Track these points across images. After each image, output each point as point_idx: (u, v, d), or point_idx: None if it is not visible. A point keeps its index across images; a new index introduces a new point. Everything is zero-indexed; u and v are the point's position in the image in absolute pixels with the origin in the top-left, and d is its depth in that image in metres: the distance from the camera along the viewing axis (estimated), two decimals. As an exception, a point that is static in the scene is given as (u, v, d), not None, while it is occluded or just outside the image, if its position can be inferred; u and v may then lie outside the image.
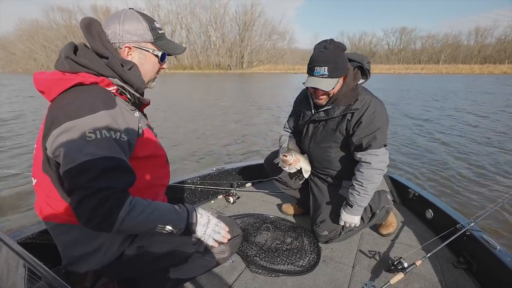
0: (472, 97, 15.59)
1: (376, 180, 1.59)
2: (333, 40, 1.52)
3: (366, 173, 1.58)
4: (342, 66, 1.50)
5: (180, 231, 1.01)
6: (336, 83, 1.51)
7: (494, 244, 1.46)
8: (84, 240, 0.99)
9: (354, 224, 1.68)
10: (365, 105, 1.55)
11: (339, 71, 1.48)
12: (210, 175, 2.42)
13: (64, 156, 0.83)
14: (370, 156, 1.57)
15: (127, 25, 1.02)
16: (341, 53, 1.50)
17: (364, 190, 1.59)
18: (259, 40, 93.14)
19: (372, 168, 1.57)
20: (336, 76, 1.49)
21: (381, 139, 1.57)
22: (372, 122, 1.54)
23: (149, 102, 1.15)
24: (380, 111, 1.57)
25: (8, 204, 3.50)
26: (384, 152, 1.59)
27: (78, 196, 0.81)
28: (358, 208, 1.64)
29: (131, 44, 1.04)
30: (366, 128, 1.55)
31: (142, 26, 1.04)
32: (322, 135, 1.73)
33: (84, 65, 0.94)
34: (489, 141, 6.62)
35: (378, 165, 1.57)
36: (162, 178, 1.20)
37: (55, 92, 0.91)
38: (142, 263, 1.10)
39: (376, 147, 1.56)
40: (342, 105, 1.58)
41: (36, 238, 1.37)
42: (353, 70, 1.59)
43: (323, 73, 1.46)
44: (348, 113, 1.57)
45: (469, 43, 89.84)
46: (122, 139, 0.91)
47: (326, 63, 1.45)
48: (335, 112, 1.60)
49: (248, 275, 1.51)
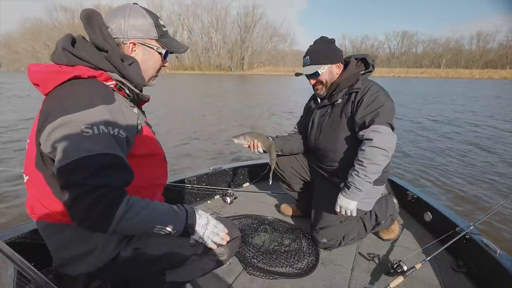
0: (469, 102, 15.65)
1: (379, 161, 1.46)
2: (321, 37, 1.72)
3: (367, 152, 1.46)
4: (327, 53, 1.65)
5: (178, 233, 0.98)
6: (321, 69, 1.64)
7: (494, 248, 1.45)
8: (77, 241, 0.95)
9: (350, 211, 1.54)
10: (367, 86, 1.60)
11: (320, 57, 1.64)
12: (207, 175, 2.40)
13: (58, 152, 0.79)
14: (373, 132, 1.47)
15: (132, 20, 0.99)
16: (325, 44, 1.68)
17: (364, 171, 1.46)
18: (260, 41, 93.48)
19: (374, 146, 1.45)
20: (318, 63, 1.64)
21: (385, 116, 1.49)
22: (375, 100, 1.53)
23: (148, 98, 1.12)
24: (384, 92, 1.58)
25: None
26: (389, 131, 1.49)
27: (73, 193, 0.77)
28: (356, 191, 1.50)
29: (136, 40, 1.01)
30: (369, 105, 1.53)
31: (147, 22, 1.02)
32: (329, 124, 1.72)
33: (82, 58, 0.91)
34: (490, 143, 6.62)
35: (381, 143, 1.44)
36: (159, 177, 1.16)
37: (51, 85, 0.87)
38: (138, 265, 1.06)
39: (379, 123, 1.48)
40: (344, 88, 1.66)
41: (27, 237, 1.33)
42: (356, 62, 1.70)
43: (306, 61, 1.68)
44: (351, 92, 1.62)
45: (470, 47, 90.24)
46: (120, 135, 0.88)
47: (309, 53, 1.67)
48: (338, 95, 1.67)
49: (245, 277, 1.49)
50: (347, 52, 1.84)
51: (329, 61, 1.64)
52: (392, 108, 1.56)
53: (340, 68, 1.69)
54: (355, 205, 1.53)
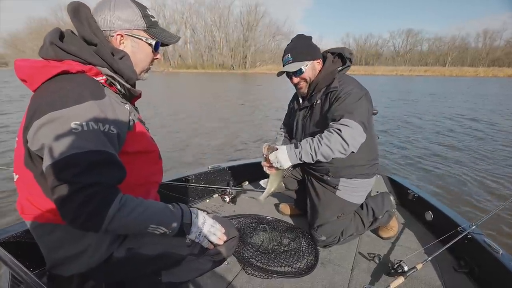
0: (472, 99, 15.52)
1: (335, 151, 1.45)
2: (298, 35, 1.72)
3: (331, 136, 1.44)
4: (306, 50, 1.64)
5: (173, 232, 0.96)
6: (304, 66, 1.63)
7: (496, 248, 1.43)
8: (69, 241, 0.93)
9: (280, 164, 1.51)
10: (343, 84, 1.59)
11: (302, 54, 1.63)
12: (205, 173, 2.39)
13: (46, 149, 0.77)
14: (342, 126, 1.44)
15: (118, 12, 0.96)
16: (304, 41, 1.68)
17: (317, 147, 1.45)
18: (263, 40, 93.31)
19: (339, 135, 1.43)
20: (300, 59, 1.62)
21: (358, 114, 1.47)
22: (349, 97, 1.52)
23: (140, 94, 1.10)
24: (358, 90, 1.56)
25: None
26: (359, 128, 1.45)
27: (63, 192, 0.74)
28: (297, 155, 1.49)
29: (123, 32, 0.98)
30: (342, 102, 1.52)
31: (133, 12, 0.98)
32: (311, 126, 1.72)
33: (71, 52, 0.88)
34: (494, 143, 6.57)
35: (346, 136, 1.42)
36: (154, 175, 1.14)
37: (38, 81, 0.85)
38: (132, 265, 1.04)
39: (350, 118, 1.45)
40: (322, 88, 1.65)
41: (20, 237, 1.31)
42: (333, 58, 1.69)
43: (288, 59, 1.65)
44: (328, 92, 1.61)
45: (477, 45, 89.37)
46: (111, 131, 0.85)
47: (290, 51, 1.65)
48: (317, 96, 1.66)
49: (243, 277, 1.48)
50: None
51: (311, 58, 1.64)
52: (366, 106, 1.54)
53: (320, 64, 1.68)
54: (288, 163, 1.52)
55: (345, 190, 1.70)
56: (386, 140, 6.73)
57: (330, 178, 1.72)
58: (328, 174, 1.72)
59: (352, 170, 1.67)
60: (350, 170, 1.67)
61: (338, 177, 1.70)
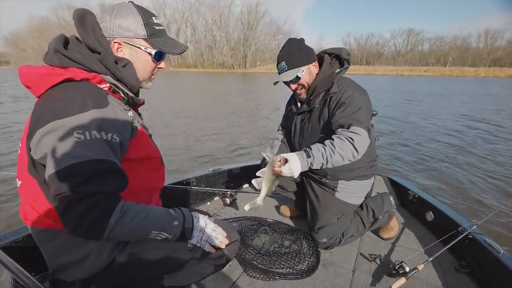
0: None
1: (345, 159, 1.45)
2: (290, 39, 1.67)
3: (343, 145, 1.43)
4: (300, 55, 1.59)
5: (175, 237, 0.96)
6: (300, 72, 1.58)
7: (497, 248, 1.43)
8: (71, 247, 0.93)
9: (291, 173, 1.43)
10: (343, 88, 1.57)
11: (297, 60, 1.58)
12: (206, 176, 2.38)
13: (49, 158, 0.77)
14: (353, 134, 1.45)
15: (119, 19, 0.96)
16: (296, 46, 1.62)
17: (330, 155, 1.43)
18: (263, 39, 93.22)
19: (352, 144, 1.43)
20: (296, 66, 1.58)
21: (364, 120, 1.49)
22: (352, 103, 1.51)
23: (143, 101, 1.10)
24: (360, 94, 1.55)
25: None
26: (365, 134, 1.47)
27: (65, 201, 0.75)
28: (308, 162, 1.45)
29: (121, 40, 0.98)
30: (348, 107, 1.51)
31: (135, 20, 0.97)
32: (309, 129, 1.71)
33: (75, 60, 0.88)
34: (495, 143, 6.57)
35: (357, 145, 1.43)
36: (156, 180, 1.15)
37: (42, 88, 0.85)
38: (134, 270, 1.05)
39: (359, 126, 1.46)
40: (321, 92, 1.62)
41: (22, 242, 1.31)
42: (330, 60, 1.65)
43: (283, 67, 1.60)
44: (327, 98, 1.58)
45: (478, 45, 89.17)
46: (113, 140, 0.85)
47: (283, 58, 1.60)
48: (316, 101, 1.63)
49: (245, 279, 1.48)
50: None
51: (306, 62, 1.59)
52: (369, 110, 1.56)
53: (316, 67, 1.64)
54: (298, 170, 1.45)
55: (344, 191, 1.71)
56: (386, 140, 6.73)
57: (328, 181, 1.72)
58: (327, 177, 1.72)
59: (351, 172, 1.68)
60: (349, 172, 1.68)
61: (336, 179, 1.71)
